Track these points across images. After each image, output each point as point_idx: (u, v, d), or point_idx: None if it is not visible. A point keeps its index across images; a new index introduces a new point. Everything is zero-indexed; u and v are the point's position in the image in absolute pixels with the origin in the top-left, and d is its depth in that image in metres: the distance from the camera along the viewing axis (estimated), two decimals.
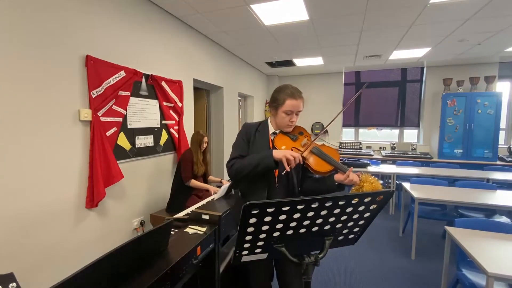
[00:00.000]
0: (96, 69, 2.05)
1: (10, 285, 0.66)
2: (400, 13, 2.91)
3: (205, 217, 1.73)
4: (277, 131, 1.46)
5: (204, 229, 1.61)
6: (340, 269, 2.61)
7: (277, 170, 1.36)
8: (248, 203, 0.72)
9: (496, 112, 4.81)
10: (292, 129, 1.45)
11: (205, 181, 2.94)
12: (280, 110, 1.37)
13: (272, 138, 1.43)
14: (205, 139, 2.81)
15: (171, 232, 1.52)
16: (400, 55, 4.64)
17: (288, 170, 1.22)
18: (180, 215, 1.90)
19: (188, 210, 2.00)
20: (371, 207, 0.88)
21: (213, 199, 2.18)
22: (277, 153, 1.26)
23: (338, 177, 1.28)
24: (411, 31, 3.46)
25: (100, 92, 2.09)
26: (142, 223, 2.63)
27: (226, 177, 3.89)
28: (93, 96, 2.04)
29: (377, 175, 4.74)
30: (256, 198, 1.33)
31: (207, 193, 2.81)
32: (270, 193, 1.40)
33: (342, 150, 6.02)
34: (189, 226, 1.65)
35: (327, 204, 0.80)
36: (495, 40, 3.79)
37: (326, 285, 2.35)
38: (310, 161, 1.33)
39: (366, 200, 0.84)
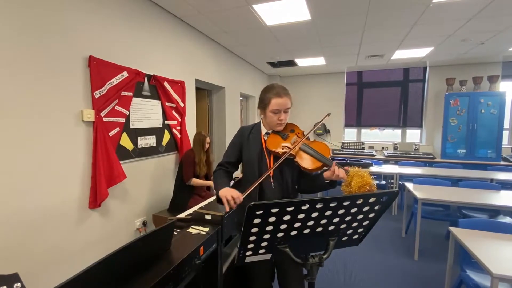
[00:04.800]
0: (99, 69, 2.06)
1: (15, 285, 0.66)
2: (403, 12, 2.89)
3: (208, 217, 1.72)
4: (270, 131, 1.46)
5: (206, 229, 1.60)
6: (343, 269, 2.60)
7: (272, 172, 1.36)
8: (252, 203, 0.72)
9: (499, 112, 4.78)
10: (284, 128, 1.44)
11: None
12: (268, 110, 1.38)
13: (265, 139, 1.43)
14: (208, 139, 2.81)
15: (174, 232, 1.52)
16: (402, 54, 4.63)
17: (227, 210, 1.28)
18: (182, 215, 1.90)
19: (190, 210, 2.00)
20: (376, 208, 0.87)
21: (216, 199, 2.17)
22: (221, 192, 1.32)
23: (326, 174, 1.26)
24: (413, 31, 3.44)
25: (103, 92, 2.10)
26: (144, 223, 2.64)
27: None
28: (96, 97, 2.04)
29: (379, 175, 4.73)
30: (250, 197, 1.33)
31: (209, 193, 2.81)
32: (266, 192, 1.41)
33: (344, 150, 6.01)
34: (192, 227, 1.64)
35: (331, 205, 0.79)
36: (498, 39, 3.76)
37: (328, 286, 2.34)
38: (299, 158, 1.32)
39: (370, 200, 0.84)
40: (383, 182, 4.83)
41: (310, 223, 0.83)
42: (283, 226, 0.81)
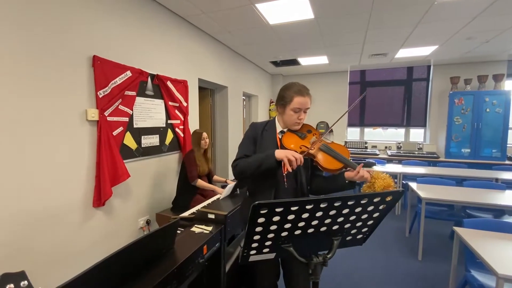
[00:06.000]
0: (102, 69, 2.07)
1: (22, 283, 0.66)
2: (407, 11, 2.87)
3: (211, 216, 1.73)
4: (285, 130, 1.45)
5: (210, 228, 1.61)
6: (346, 269, 2.59)
7: (285, 169, 1.35)
8: (257, 202, 0.72)
9: (504, 111, 4.73)
10: (300, 127, 1.44)
11: (210, 181, 2.94)
12: (288, 108, 1.36)
13: (280, 137, 1.42)
14: (204, 135, 2.77)
15: (177, 231, 1.53)
16: (406, 53, 4.59)
17: (290, 171, 1.20)
18: (186, 214, 1.91)
19: (194, 209, 2.00)
20: (380, 207, 0.87)
21: (219, 198, 2.18)
22: (279, 153, 1.24)
23: (349, 174, 1.26)
24: (417, 29, 3.42)
25: (107, 92, 2.11)
26: (148, 222, 2.65)
27: (231, 176, 3.90)
28: (100, 96, 2.05)
29: None
30: (264, 197, 1.32)
31: (212, 192, 2.81)
32: (279, 192, 1.39)
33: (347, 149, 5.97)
34: (195, 225, 1.65)
35: (336, 204, 0.79)
36: (504, 37, 3.72)
37: (331, 285, 2.33)
38: (319, 158, 1.32)
39: (375, 200, 0.83)
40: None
41: (315, 222, 0.83)
42: (287, 226, 0.81)
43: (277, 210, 0.75)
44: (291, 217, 0.78)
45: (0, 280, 0.64)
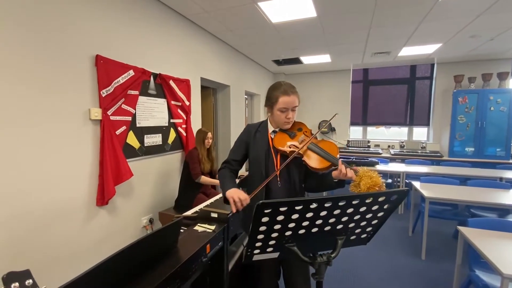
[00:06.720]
0: (105, 68, 2.07)
1: (27, 281, 0.67)
2: (411, 8, 2.85)
3: (214, 215, 1.73)
4: (277, 130, 1.45)
5: (213, 227, 1.61)
6: (349, 268, 2.58)
7: (278, 170, 1.35)
8: (261, 202, 0.72)
9: (509, 109, 4.68)
10: (292, 126, 1.43)
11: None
12: (275, 108, 1.36)
13: (272, 137, 1.42)
14: (209, 134, 2.81)
15: (180, 230, 1.53)
16: (409, 51, 4.56)
17: (234, 211, 1.26)
18: (189, 213, 1.91)
19: (196, 208, 2.00)
20: (385, 207, 0.86)
21: (221, 197, 2.18)
22: (228, 194, 1.30)
23: (335, 173, 1.24)
24: (421, 27, 3.39)
25: (110, 91, 2.11)
26: (151, 221, 2.66)
27: None
28: (103, 95, 2.06)
29: (385, 173, 4.68)
30: (257, 196, 1.32)
31: (214, 191, 2.81)
32: (273, 191, 1.40)
33: (350, 148, 5.96)
34: (198, 224, 1.65)
35: (340, 204, 0.78)
36: (508, 35, 3.68)
37: (335, 284, 2.33)
38: (307, 158, 1.31)
39: (380, 199, 0.83)
40: (390, 180, 4.80)
41: (319, 222, 0.82)
42: (291, 225, 0.81)
43: (281, 209, 0.74)
44: (295, 216, 0.78)
45: (5, 278, 0.64)
